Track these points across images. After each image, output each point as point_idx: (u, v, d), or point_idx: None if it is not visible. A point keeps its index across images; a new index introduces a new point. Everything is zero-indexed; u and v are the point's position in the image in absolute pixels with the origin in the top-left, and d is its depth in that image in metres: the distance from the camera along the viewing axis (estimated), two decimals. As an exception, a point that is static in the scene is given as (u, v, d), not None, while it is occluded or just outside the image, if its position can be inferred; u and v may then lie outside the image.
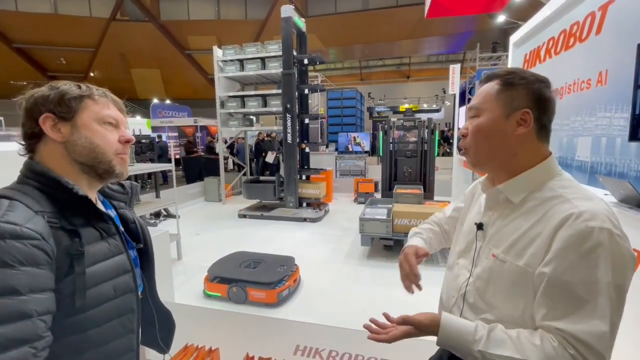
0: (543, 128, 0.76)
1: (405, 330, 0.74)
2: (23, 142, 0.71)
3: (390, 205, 4.22)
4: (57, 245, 0.62)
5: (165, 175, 9.54)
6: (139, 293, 0.80)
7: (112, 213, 0.83)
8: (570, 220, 0.65)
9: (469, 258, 0.86)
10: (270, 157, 7.85)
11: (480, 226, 0.84)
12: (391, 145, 6.05)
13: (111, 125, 0.75)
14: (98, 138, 0.72)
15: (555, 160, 0.78)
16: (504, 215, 0.79)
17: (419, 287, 0.96)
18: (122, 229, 0.81)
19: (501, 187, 0.79)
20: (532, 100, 0.74)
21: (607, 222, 0.63)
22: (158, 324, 0.94)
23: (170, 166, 4.11)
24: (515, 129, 0.75)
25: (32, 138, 0.70)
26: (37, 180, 0.67)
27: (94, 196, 0.78)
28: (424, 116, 8.23)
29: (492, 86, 0.78)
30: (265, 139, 10.43)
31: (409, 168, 6.00)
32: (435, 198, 5.70)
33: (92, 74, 19.54)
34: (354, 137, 10.89)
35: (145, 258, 0.90)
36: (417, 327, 0.74)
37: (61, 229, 0.64)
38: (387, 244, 4.06)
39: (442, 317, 0.73)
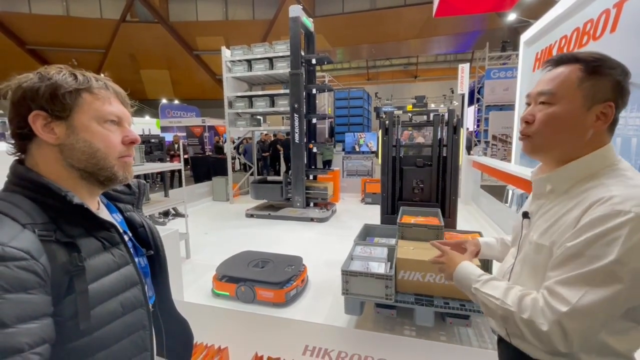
0: (615, 121, 0.71)
1: (441, 259, 0.98)
2: (12, 142, 0.62)
3: (393, 242, 2.79)
4: (51, 261, 0.54)
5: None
6: (150, 305, 0.73)
7: (117, 217, 0.76)
8: (599, 202, 0.65)
9: (516, 246, 0.89)
10: None
11: (525, 214, 0.84)
12: (395, 149, 4.00)
13: (113, 123, 0.65)
14: (99, 141, 0.62)
15: (613, 149, 0.73)
16: (546, 204, 0.79)
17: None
18: (130, 234, 0.74)
19: (547, 175, 0.78)
20: (617, 92, 0.69)
21: (637, 207, 0.61)
22: (174, 337, 0.87)
23: (180, 166, 4.16)
24: (594, 122, 0.70)
25: (23, 139, 0.61)
26: (25, 187, 0.58)
27: (95, 202, 0.70)
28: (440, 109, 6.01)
29: (573, 71, 0.71)
30: (274, 138, 10.52)
31: (420, 183, 4.03)
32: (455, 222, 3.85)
33: (102, 75, 19.85)
34: (360, 136, 10.87)
35: (156, 265, 0.82)
36: (448, 260, 0.95)
37: (56, 242, 0.55)
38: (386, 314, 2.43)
39: (462, 261, 0.90)
